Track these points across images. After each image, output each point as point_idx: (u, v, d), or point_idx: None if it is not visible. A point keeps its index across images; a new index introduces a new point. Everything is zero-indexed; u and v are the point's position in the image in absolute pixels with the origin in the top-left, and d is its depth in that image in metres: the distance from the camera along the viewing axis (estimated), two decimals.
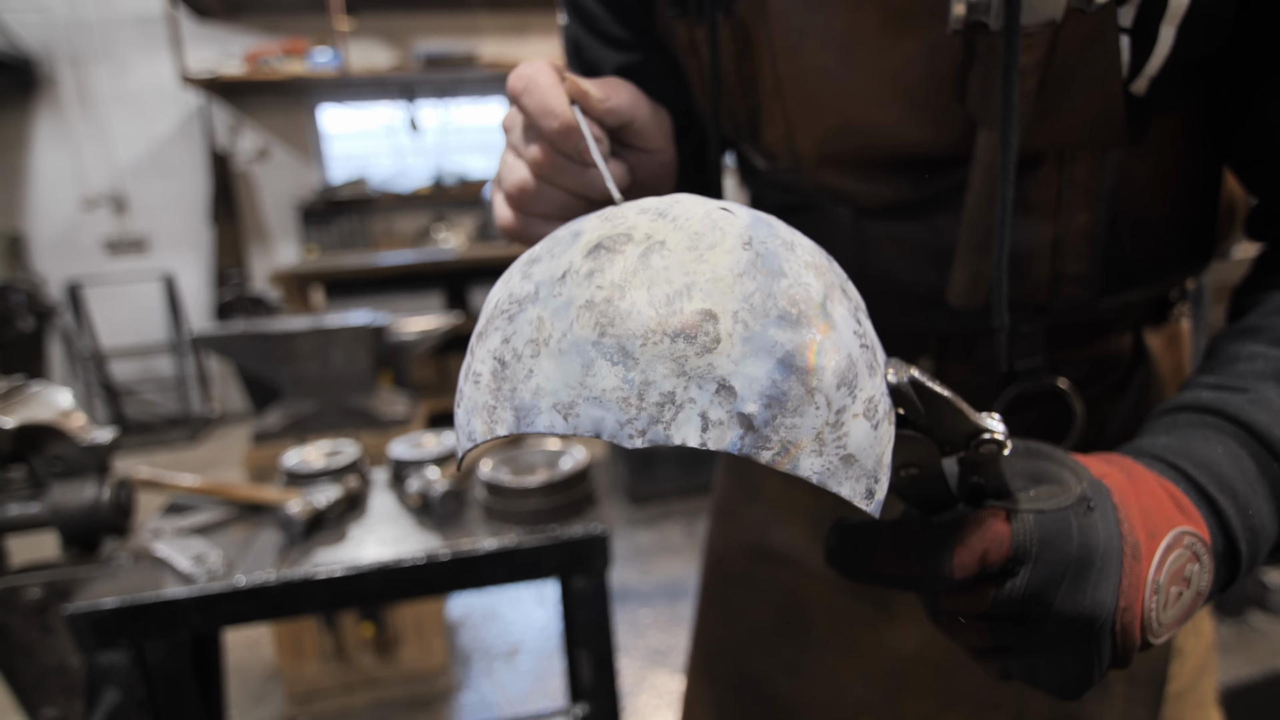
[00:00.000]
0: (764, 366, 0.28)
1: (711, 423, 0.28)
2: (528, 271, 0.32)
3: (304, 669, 2.07)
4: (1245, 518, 0.41)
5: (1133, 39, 0.45)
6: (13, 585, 0.92)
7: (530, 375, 0.29)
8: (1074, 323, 0.60)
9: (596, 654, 1.03)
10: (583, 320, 0.29)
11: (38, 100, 4.63)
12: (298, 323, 1.96)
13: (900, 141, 0.54)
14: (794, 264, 0.30)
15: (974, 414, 0.36)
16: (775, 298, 0.29)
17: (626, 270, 0.29)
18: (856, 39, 0.51)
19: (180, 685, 0.95)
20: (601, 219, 0.32)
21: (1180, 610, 0.39)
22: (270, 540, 1.01)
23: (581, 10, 0.67)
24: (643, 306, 0.28)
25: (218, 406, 5.13)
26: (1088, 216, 0.53)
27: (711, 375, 0.28)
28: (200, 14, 4.66)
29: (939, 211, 0.56)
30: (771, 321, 0.28)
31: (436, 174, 5.12)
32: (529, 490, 1.02)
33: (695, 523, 3.16)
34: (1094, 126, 0.48)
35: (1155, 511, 0.39)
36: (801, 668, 0.74)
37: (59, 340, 4.69)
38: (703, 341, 0.28)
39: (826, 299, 0.30)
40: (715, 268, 0.29)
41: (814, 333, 0.29)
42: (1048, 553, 0.37)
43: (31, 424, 0.92)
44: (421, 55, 4.65)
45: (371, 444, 1.76)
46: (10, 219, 4.70)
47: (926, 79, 0.50)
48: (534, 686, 2.20)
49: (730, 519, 0.82)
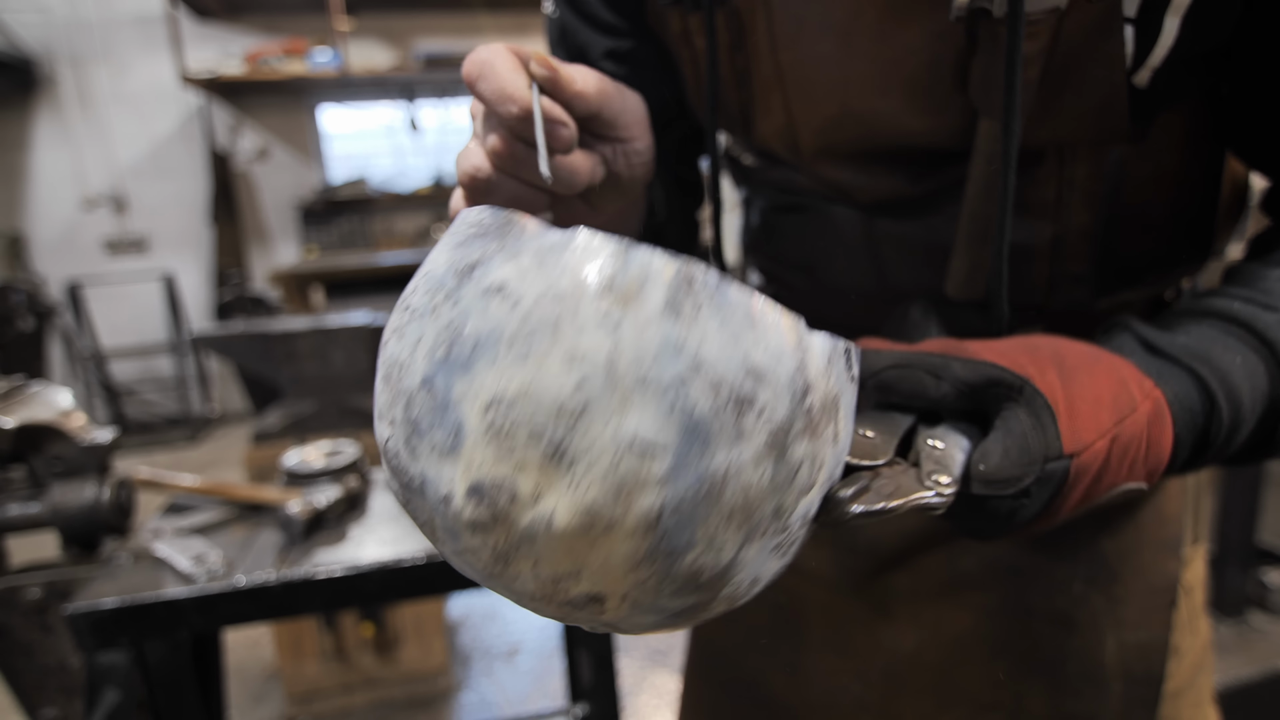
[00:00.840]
0: (650, 620, 0.29)
1: (595, 631, 0.31)
2: (410, 440, 0.27)
3: (304, 669, 2.07)
4: (1236, 415, 0.43)
5: (1136, 29, 0.45)
6: (13, 585, 0.92)
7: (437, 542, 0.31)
8: (1071, 323, 0.59)
9: (596, 654, 1.03)
10: (472, 563, 0.29)
11: (38, 100, 4.63)
12: (298, 323, 1.96)
13: (900, 131, 0.53)
14: (712, 523, 0.26)
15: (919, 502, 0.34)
16: (674, 578, 0.27)
17: (510, 541, 0.26)
18: (857, 27, 0.51)
19: (180, 685, 0.95)
20: (487, 426, 0.25)
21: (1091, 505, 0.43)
22: (270, 540, 1.01)
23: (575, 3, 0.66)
24: (527, 580, 0.27)
25: (218, 406, 5.13)
26: (1087, 216, 0.52)
27: (598, 624, 0.29)
28: (200, 14, 4.66)
29: (936, 210, 0.55)
30: (664, 597, 0.27)
31: (436, 174, 5.12)
32: None
33: None
34: (1097, 119, 0.48)
35: (1112, 479, 0.40)
36: (798, 668, 0.74)
37: (59, 340, 4.69)
38: (590, 612, 0.28)
39: (743, 546, 0.27)
40: (608, 559, 0.26)
41: (709, 594, 0.28)
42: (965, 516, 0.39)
43: (31, 424, 0.92)
44: (421, 55, 4.65)
45: (371, 444, 1.75)
46: (10, 219, 4.71)
47: (928, 67, 0.50)
48: (534, 686, 2.20)
49: None
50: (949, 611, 0.65)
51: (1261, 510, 2.23)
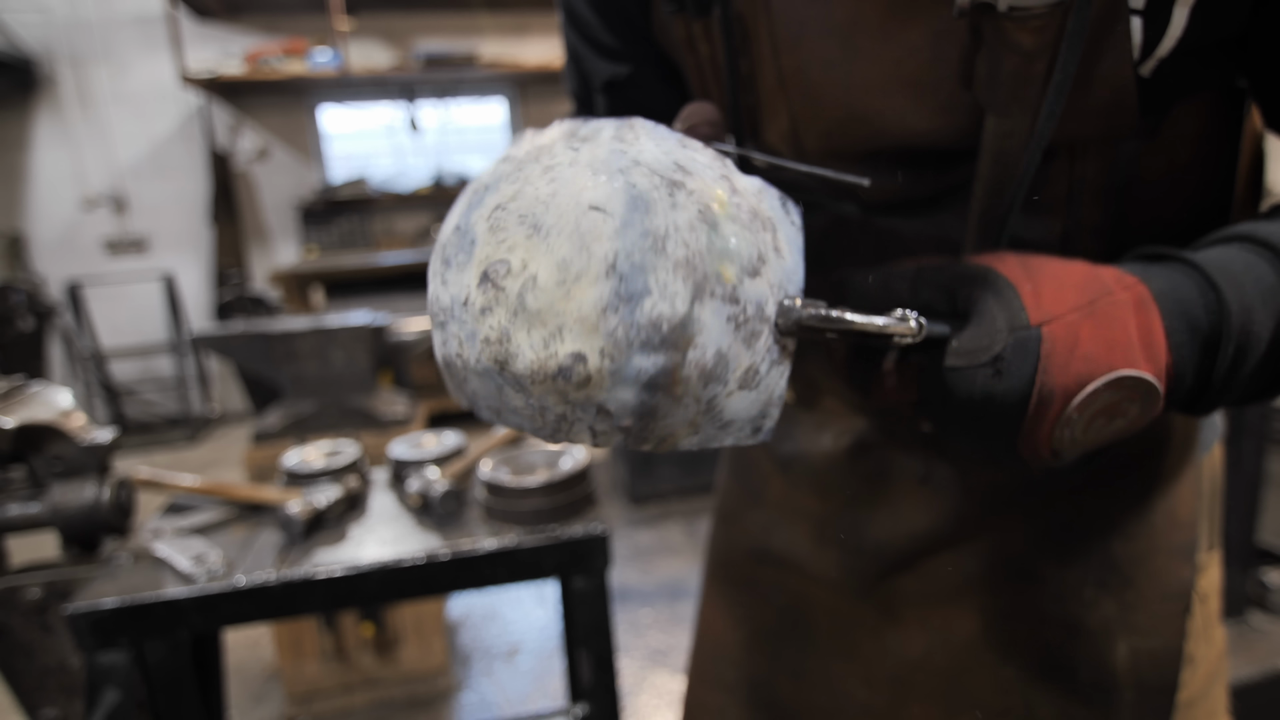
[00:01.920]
0: (632, 392, 0.33)
1: (599, 433, 0.35)
2: (445, 277, 0.37)
3: (304, 669, 2.07)
4: (1244, 320, 0.42)
5: (1145, 20, 0.45)
6: (13, 585, 0.92)
7: (466, 380, 0.36)
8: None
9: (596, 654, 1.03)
10: (486, 354, 0.35)
11: (38, 100, 4.62)
12: (298, 323, 1.96)
13: (906, 132, 0.53)
14: (661, 272, 0.33)
15: (880, 321, 0.39)
16: (638, 326, 0.33)
17: (509, 312, 0.34)
18: (859, 28, 0.51)
19: (180, 685, 0.95)
20: (489, 227, 0.35)
21: (1111, 433, 0.42)
22: (270, 540, 1.01)
23: (576, 18, 0.67)
24: (525, 350, 0.33)
25: (218, 406, 5.13)
26: (1098, 212, 0.52)
27: (591, 402, 0.34)
28: (200, 14, 4.66)
29: (945, 209, 0.55)
30: (635, 351, 0.33)
31: (436, 174, 5.12)
32: (529, 490, 1.02)
33: (695, 523, 3.16)
34: (1107, 113, 0.47)
35: (1098, 356, 0.40)
36: (804, 673, 0.74)
37: (59, 340, 4.69)
38: (578, 379, 0.33)
39: (695, 301, 0.33)
40: (581, 306, 0.33)
41: (676, 354, 0.34)
42: (951, 402, 0.42)
43: (31, 424, 0.92)
44: (421, 55, 4.65)
45: (371, 444, 1.76)
46: (10, 219, 4.70)
47: (932, 66, 0.49)
48: (534, 686, 2.20)
49: (733, 522, 0.82)
50: (958, 615, 0.65)
51: (1261, 510, 2.23)
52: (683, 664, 2.24)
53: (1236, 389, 0.44)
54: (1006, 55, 0.45)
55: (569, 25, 0.68)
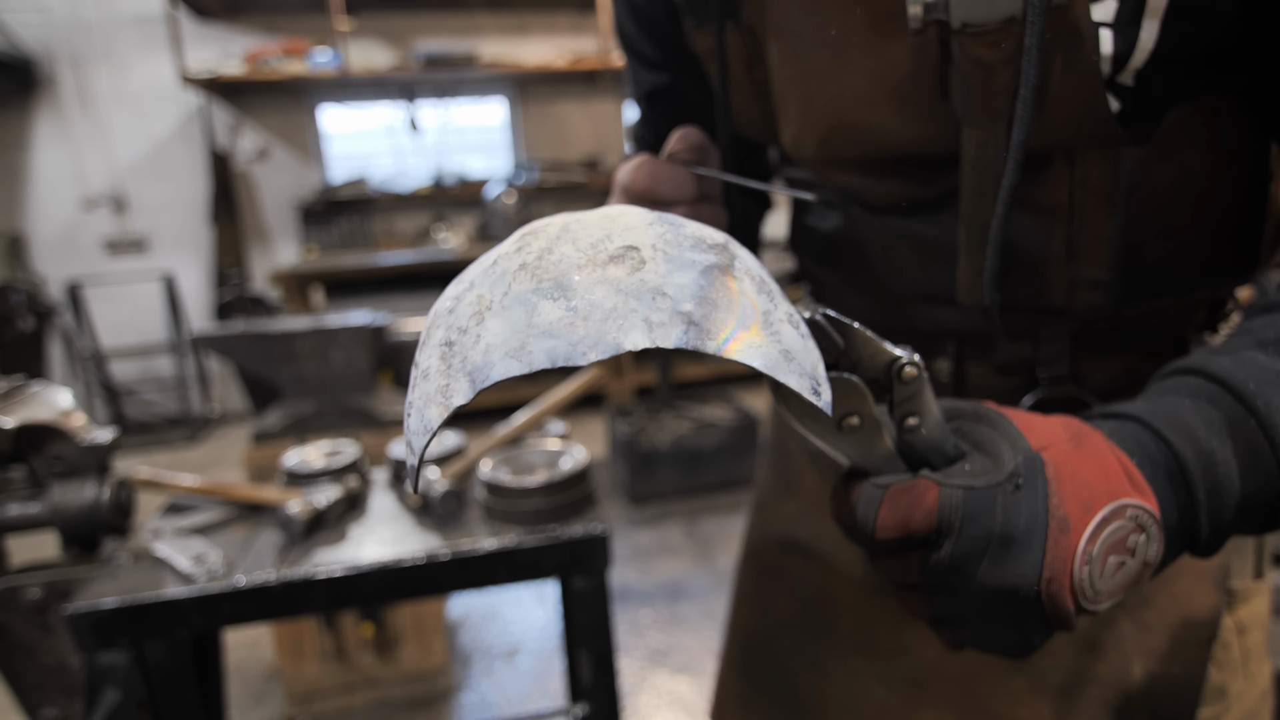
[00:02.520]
0: (690, 275, 0.31)
1: (655, 324, 0.30)
2: (459, 279, 0.35)
3: (304, 669, 2.07)
4: (1206, 465, 0.41)
5: (1115, 33, 0.45)
6: (13, 585, 0.92)
7: (478, 340, 0.30)
8: (1100, 329, 0.58)
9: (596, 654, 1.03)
10: (520, 279, 0.31)
11: (38, 100, 4.62)
12: (298, 323, 1.96)
13: (893, 141, 0.54)
14: (691, 225, 0.35)
15: (887, 344, 0.40)
16: (684, 234, 0.33)
17: (550, 238, 0.33)
18: (848, 41, 0.52)
19: (180, 685, 0.95)
20: (517, 233, 0.35)
21: (1125, 578, 0.40)
22: (270, 540, 1.01)
23: (622, 31, 0.72)
24: (571, 254, 0.32)
25: (218, 406, 5.13)
26: (1104, 220, 0.51)
27: (645, 287, 0.30)
28: (200, 14, 4.66)
29: (946, 210, 0.56)
30: (686, 247, 0.33)
31: (436, 174, 5.11)
32: (529, 490, 1.02)
33: (695, 523, 3.16)
34: (1081, 124, 0.48)
35: (1097, 483, 0.39)
36: (824, 666, 0.74)
37: (59, 340, 4.68)
38: (631, 264, 0.31)
39: (728, 241, 0.35)
40: (627, 223, 0.33)
41: (725, 253, 0.33)
42: (971, 527, 0.38)
43: (31, 424, 0.92)
44: (421, 55, 4.65)
45: (371, 444, 1.75)
46: (10, 219, 4.70)
47: (913, 78, 0.50)
48: (534, 686, 2.20)
49: (767, 512, 0.83)
50: None
51: None
52: (683, 664, 2.24)
53: (1232, 524, 0.42)
54: (970, 69, 0.46)
55: (619, 37, 0.73)
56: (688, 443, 3.32)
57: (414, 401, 0.32)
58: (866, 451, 0.41)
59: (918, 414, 0.41)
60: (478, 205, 5.13)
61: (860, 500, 0.41)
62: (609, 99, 5.35)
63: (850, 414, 0.40)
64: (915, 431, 0.41)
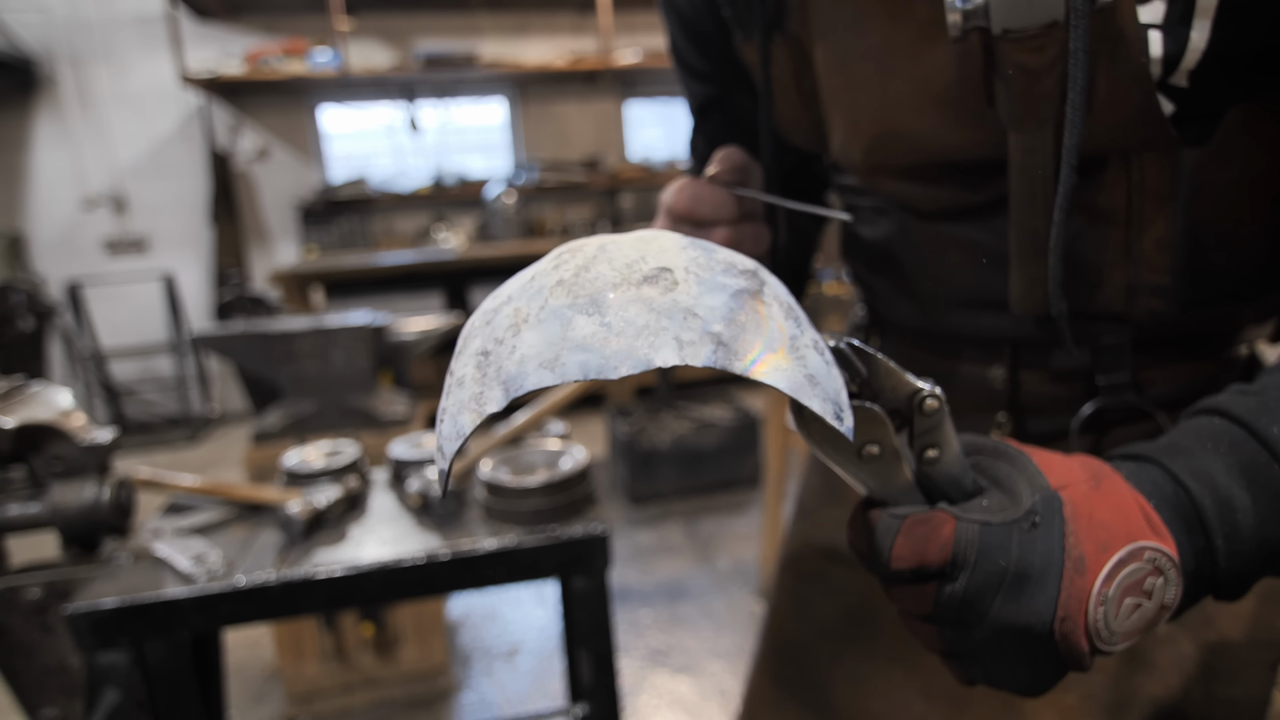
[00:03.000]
0: (720, 298, 0.33)
1: (685, 343, 0.31)
2: (497, 293, 0.36)
3: (304, 669, 2.07)
4: (1224, 511, 0.40)
5: (1165, 35, 0.44)
6: (13, 585, 0.92)
7: (514, 350, 0.32)
8: (1163, 336, 0.56)
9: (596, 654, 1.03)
10: (556, 294, 0.33)
11: (38, 100, 4.62)
12: (298, 323, 1.96)
13: (941, 147, 0.54)
14: (723, 251, 0.36)
15: (909, 376, 0.40)
16: (716, 259, 0.35)
17: (587, 257, 0.34)
18: (893, 50, 0.52)
19: (180, 685, 0.95)
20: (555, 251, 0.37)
21: (1141, 621, 0.39)
22: (270, 540, 1.01)
23: (674, 44, 0.73)
24: (607, 272, 0.33)
25: (218, 406, 5.13)
26: (1163, 223, 0.50)
27: (677, 307, 0.32)
28: (200, 14, 4.66)
29: (999, 215, 0.55)
30: (718, 271, 0.34)
31: (436, 174, 5.12)
32: (529, 490, 1.02)
33: (695, 523, 3.16)
34: (1131, 127, 0.47)
35: (1114, 525, 0.39)
36: (864, 678, 0.73)
37: (59, 340, 4.68)
38: (664, 285, 0.32)
39: (758, 268, 0.36)
40: (661, 246, 0.35)
41: (755, 279, 0.35)
42: (985, 563, 0.38)
43: (31, 424, 0.92)
44: (421, 55, 4.65)
45: (371, 444, 1.75)
46: (10, 219, 4.70)
47: (958, 85, 0.50)
48: (534, 686, 2.20)
49: (810, 518, 0.82)
50: None
51: None
52: (683, 664, 2.24)
53: (1256, 569, 0.41)
54: (1014, 75, 0.46)
55: (670, 50, 0.74)
56: (688, 443, 3.32)
57: (447, 408, 0.33)
58: (885, 481, 0.41)
59: (937, 446, 0.41)
60: (478, 205, 5.13)
61: (877, 529, 0.41)
62: (609, 99, 5.35)
63: (870, 443, 0.40)
64: (934, 464, 0.42)
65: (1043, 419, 0.61)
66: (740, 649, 2.30)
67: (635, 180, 5.20)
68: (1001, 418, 0.63)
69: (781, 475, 2.46)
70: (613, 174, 5.20)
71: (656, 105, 5.59)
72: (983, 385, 0.63)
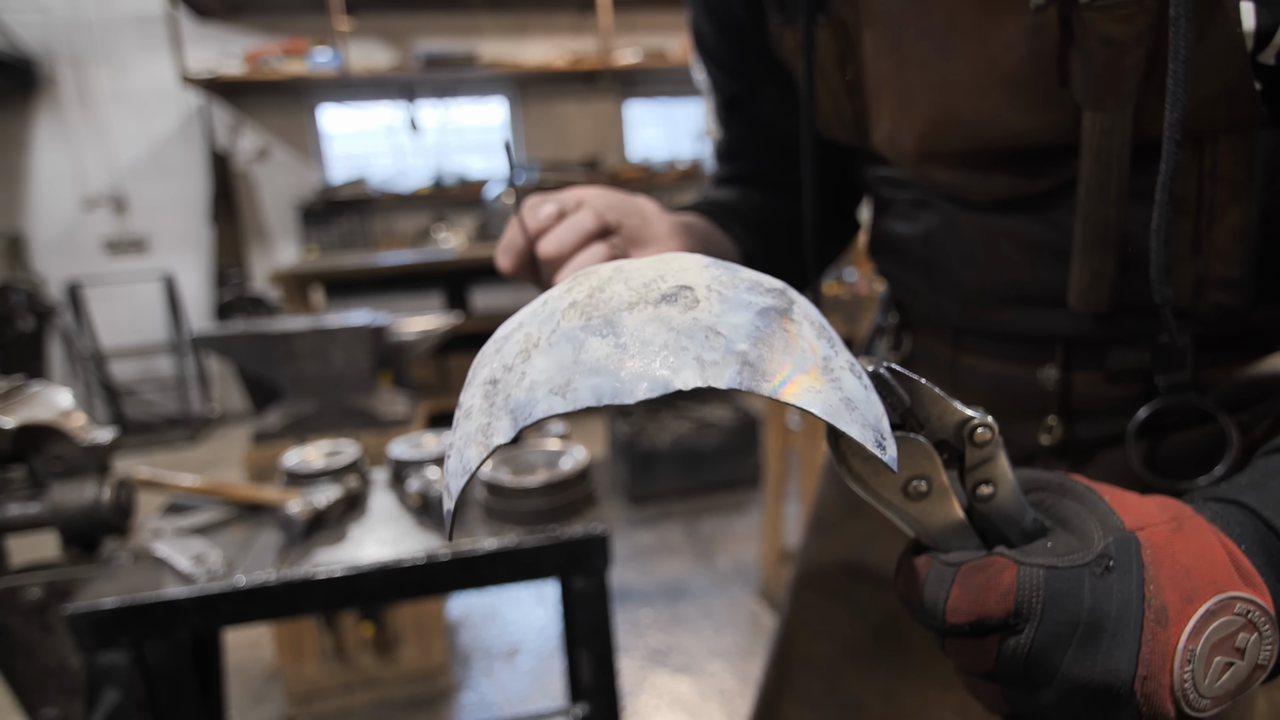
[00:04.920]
0: (746, 316, 0.30)
1: (707, 363, 0.28)
2: (509, 321, 0.34)
3: (304, 669, 2.07)
4: None
5: (1258, 5, 0.41)
6: (13, 585, 0.92)
7: (523, 377, 0.29)
8: (1227, 334, 0.53)
9: (596, 654, 1.03)
10: (569, 316, 0.30)
11: (38, 100, 4.62)
12: (298, 323, 1.96)
13: (1004, 131, 0.51)
14: (747, 270, 0.34)
15: (957, 404, 0.37)
16: (740, 277, 0.32)
17: (602, 279, 0.32)
18: (954, 28, 0.50)
19: (180, 685, 0.95)
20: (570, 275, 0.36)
21: (1233, 683, 0.35)
22: (270, 540, 1.01)
23: (699, 36, 0.70)
24: (622, 292, 0.31)
25: (218, 406, 5.13)
26: (1236, 212, 0.47)
27: (698, 325, 0.29)
28: (200, 14, 4.66)
29: (1057, 205, 0.52)
30: (742, 289, 0.31)
31: (436, 174, 5.12)
32: (529, 490, 1.02)
33: (695, 523, 3.16)
34: (1221, 105, 0.44)
35: (1200, 573, 0.35)
36: (897, 696, 0.71)
37: (59, 340, 4.68)
38: (684, 303, 0.30)
39: (785, 288, 0.34)
40: (681, 265, 0.32)
41: (783, 298, 0.32)
42: (1054, 611, 0.34)
43: (31, 424, 0.92)
44: (421, 55, 4.65)
45: (371, 444, 1.75)
46: (10, 219, 4.70)
47: (1028, 63, 0.48)
48: (534, 686, 2.20)
49: (830, 532, 0.79)
50: None
51: None
52: (683, 664, 2.24)
53: None
54: (1097, 48, 0.43)
55: (696, 45, 0.71)
56: (688, 443, 3.32)
57: (454, 442, 0.32)
58: (934, 522, 0.38)
59: (991, 481, 0.37)
60: (478, 205, 5.13)
61: (929, 579, 0.37)
62: (609, 99, 5.35)
63: (917, 479, 0.36)
64: (989, 501, 0.38)
65: (1096, 423, 0.58)
66: (740, 649, 2.30)
67: (635, 180, 5.20)
68: (1051, 421, 0.59)
69: (781, 475, 2.46)
70: (612, 174, 5.19)
71: (656, 105, 5.59)
72: (1032, 387, 0.60)
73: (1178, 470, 0.49)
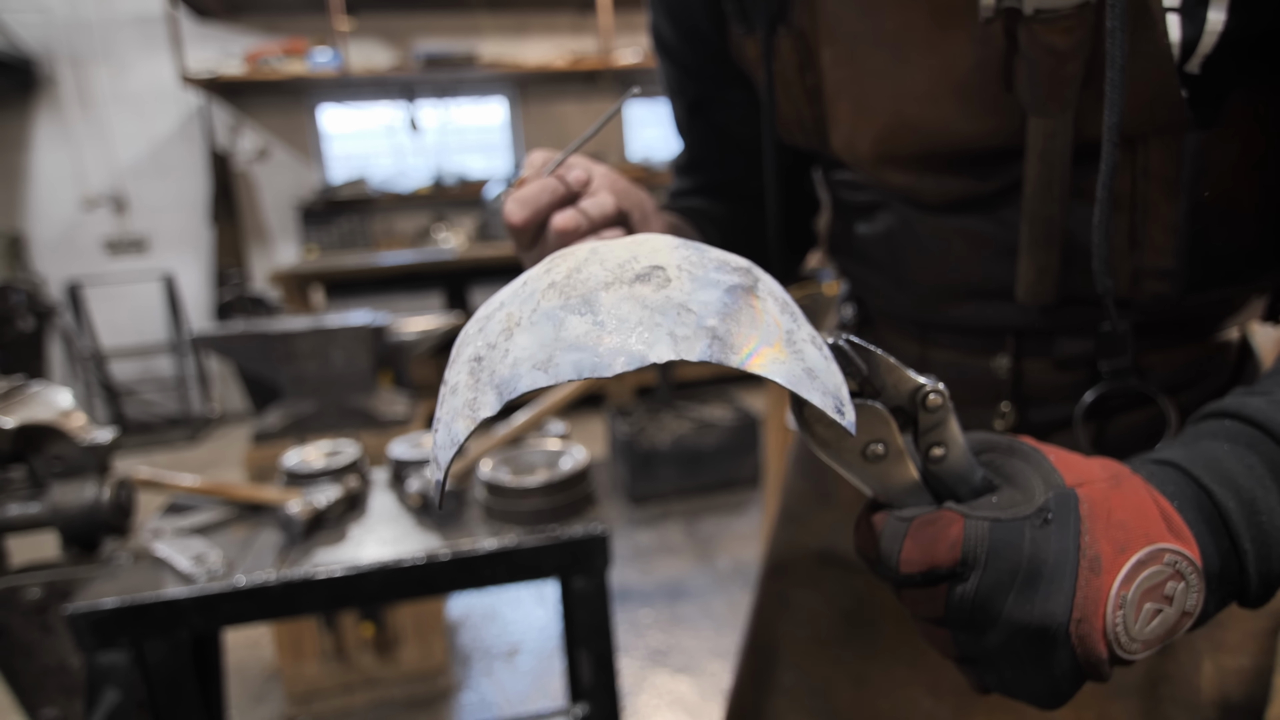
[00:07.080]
0: (714, 293, 0.33)
1: (680, 338, 0.31)
2: (490, 301, 0.36)
3: (304, 669, 2.07)
4: (1249, 513, 0.39)
5: (1183, 18, 0.45)
6: (13, 585, 0.92)
7: (506, 354, 0.32)
8: (1164, 320, 0.57)
9: (596, 654, 1.03)
10: (548, 297, 0.33)
11: (38, 100, 4.62)
12: (298, 323, 1.96)
13: (955, 136, 0.54)
14: (715, 250, 0.36)
15: (910, 371, 0.40)
16: (708, 257, 0.35)
17: (579, 260, 0.34)
18: (906, 38, 0.52)
19: (180, 685, 0.95)
20: (547, 258, 0.37)
21: (1162, 628, 0.38)
22: (270, 540, 1.01)
23: (660, 39, 0.72)
24: (599, 273, 0.33)
25: (218, 406, 5.13)
26: (1168, 207, 0.51)
27: (671, 303, 0.32)
28: (200, 14, 4.66)
29: (1006, 205, 0.55)
30: (711, 268, 0.34)
31: (436, 174, 5.11)
32: (529, 490, 1.02)
33: (695, 523, 3.16)
34: (1151, 110, 0.47)
35: (1133, 526, 0.38)
36: (868, 679, 0.72)
37: (59, 340, 4.68)
38: (657, 282, 0.32)
39: (751, 266, 0.36)
40: (653, 246, 0.35)
41: (749, 276, 0.35)
42: (997, 560, 0.37)
43: (31, 424, 0.92)
44: (421, 55, 4.65)
45: (371, 444, 1.75)
46: (10, 219, 4.70)
47: (976, 71, 0.50)
48: (534, 686, 2.20)
49: (799, 523, 0.81)
50: None
51: None
52: (683, 664, 2.24)
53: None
54: (1040, 57, 0.46)
55: (658, 48, 0.72)
56: (688, 443, 3.32)
57: (442, 417, 0.33)
58: (891, 482, 0.40)
59: (943, 444, 0.40)
60: (478, 205, 5.13)
61: (884, 533, 0.40)
62: (609, 99, 5.35)
63: (874, 442, 0.39)
64: (941, 462, 0.41)
65: (1046, 407, 0.62)
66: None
67: (635, 180, 5.19)
68: (1005, 408, 0.63)
69: (781, 475, 2.46)
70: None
71: (657, 105, 5.58)
72: (986, 376, 0.63)
73: (1124, 450, 0.51)
